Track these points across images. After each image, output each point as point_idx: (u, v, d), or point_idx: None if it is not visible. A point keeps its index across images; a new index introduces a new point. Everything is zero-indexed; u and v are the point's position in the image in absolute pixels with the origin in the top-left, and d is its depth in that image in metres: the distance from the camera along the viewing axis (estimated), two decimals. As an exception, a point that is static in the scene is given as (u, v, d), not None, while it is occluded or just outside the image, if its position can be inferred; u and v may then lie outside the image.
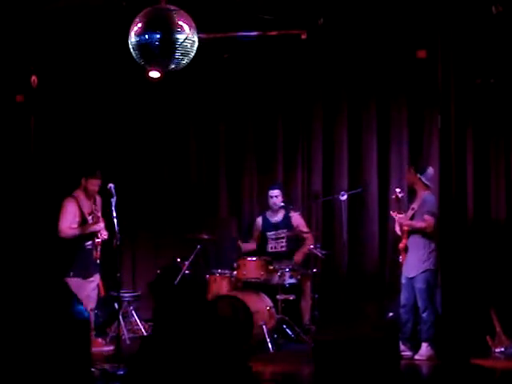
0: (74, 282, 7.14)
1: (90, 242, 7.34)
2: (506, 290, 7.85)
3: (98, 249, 7.37)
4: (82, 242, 7.33)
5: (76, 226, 7.33)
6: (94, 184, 7.38)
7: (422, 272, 7.14)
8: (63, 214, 7.32)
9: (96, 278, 7.48)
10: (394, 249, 7.97)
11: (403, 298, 7.28)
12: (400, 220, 7.33)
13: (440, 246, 7.18)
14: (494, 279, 7.91)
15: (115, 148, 8.75)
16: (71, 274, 7.25)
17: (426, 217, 7.17)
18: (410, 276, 7.21)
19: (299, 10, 7.34)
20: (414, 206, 7.33)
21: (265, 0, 7.21)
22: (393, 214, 7.41)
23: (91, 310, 7.29)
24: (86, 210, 7.40)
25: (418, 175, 7.30)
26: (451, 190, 7.66)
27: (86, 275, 7.33)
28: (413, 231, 7.25)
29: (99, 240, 7.34)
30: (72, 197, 7.39)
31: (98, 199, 7.52)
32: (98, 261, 7.42)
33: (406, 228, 7.29)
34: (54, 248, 7.43)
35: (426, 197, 7.26)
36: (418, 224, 7.23)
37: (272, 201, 8.33)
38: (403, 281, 7.29)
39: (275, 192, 8.32)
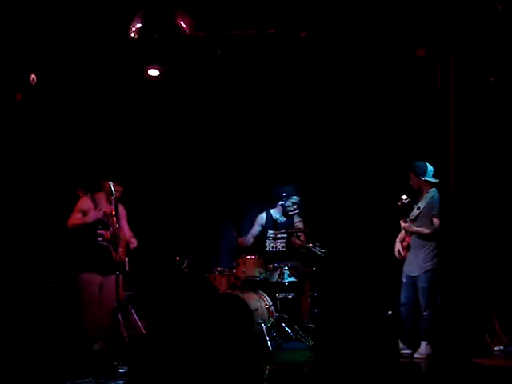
0: (86, 277, 7.15)
1: (100, 238, 7.34)
2: (505, 288, 7.84)
3: (119, 250, 7.32)
4: (92, 237, 7.31)
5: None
6: (118, 190, 7.41)
7: (426, 271, 7.12)
8: (75, 208, 7.31)
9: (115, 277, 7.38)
10: (393, 247, 7.96)
11: (403, 296, 7.26)
12: (406, 227, 7.27)
13: (440, 245, 7.18)
14: (493, 278, 7.90)
15: (114, 146, 8.75)
16: (85, 269, 7.25)
17: (435, 220, 7.08)
18: (412, 275, 7.18)
19: (298, 8, 7.34)
20: (420, 205, 7.27)
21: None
22: (401, 222, 7.31)
23: (111, 308, 7.22)
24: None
25: (422, 178, 7.25)
26: (451, 189, 7.70)
27: (103, 271, 7.29)
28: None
29: (102, 231, 7.31)
30: (90, 197, 7.32)
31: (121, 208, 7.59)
32: (122, 261, 7.38)
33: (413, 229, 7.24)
34: (66, 245, 7.48)
35: (434, 196, 7.17)
36: (426, 230, 7.16)
37: (290, 208, 8.32)
38: (404, 279, 7.27)
39: (296, 199, 8.31)
